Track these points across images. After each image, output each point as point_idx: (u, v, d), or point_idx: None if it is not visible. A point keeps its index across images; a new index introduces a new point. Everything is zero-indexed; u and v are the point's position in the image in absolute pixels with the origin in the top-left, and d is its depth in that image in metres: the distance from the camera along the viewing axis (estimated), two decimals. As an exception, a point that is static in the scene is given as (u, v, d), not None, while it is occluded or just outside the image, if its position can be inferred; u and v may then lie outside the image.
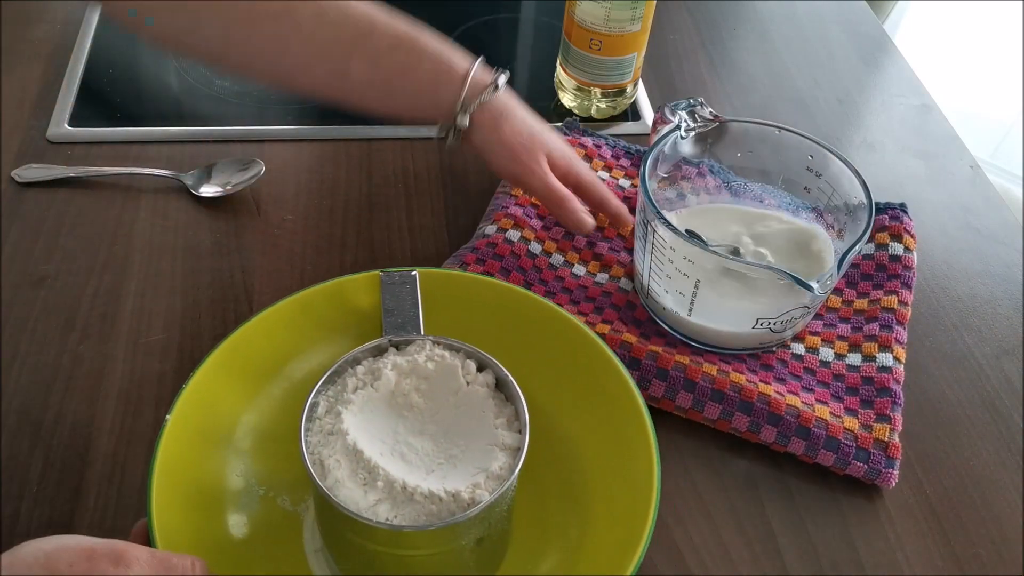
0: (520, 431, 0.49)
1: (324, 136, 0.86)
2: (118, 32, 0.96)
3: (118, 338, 0.68)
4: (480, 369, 0.52)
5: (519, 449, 0.47)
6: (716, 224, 0.72)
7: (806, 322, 0.70)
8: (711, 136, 0.71)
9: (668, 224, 0.63)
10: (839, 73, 1.01)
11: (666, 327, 0.70)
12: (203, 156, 0.82)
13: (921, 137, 0.94)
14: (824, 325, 0.71)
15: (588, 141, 0.84)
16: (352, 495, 0.46)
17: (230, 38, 0.63)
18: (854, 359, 0.69)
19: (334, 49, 0.63)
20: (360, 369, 0.51)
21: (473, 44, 0.99)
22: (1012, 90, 1.96)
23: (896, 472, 0.63)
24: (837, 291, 0.73)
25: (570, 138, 0.84)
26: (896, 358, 0.68)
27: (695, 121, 0.70)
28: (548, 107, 0.93)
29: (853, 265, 0.74)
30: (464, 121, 0.64)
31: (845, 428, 0.64)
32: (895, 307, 0.71)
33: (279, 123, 0.88)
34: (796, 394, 0.66)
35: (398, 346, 0.53)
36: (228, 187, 0.79)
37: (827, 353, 0.69)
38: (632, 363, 0.65)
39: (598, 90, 0.88)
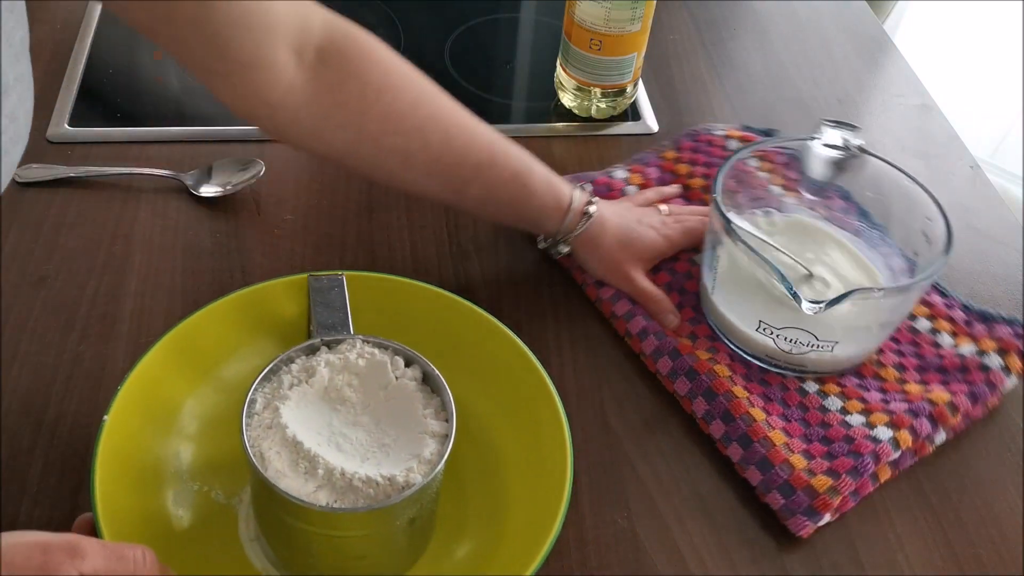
0: (447, 420, 0.52)
1: (324, 136, 0.86)
2: (118, 32, 0.96)
3: (118, 338, 0.68)
4: (408, 364, 0.55)
5: (447, 436, 0.51)
6: (811, 245, 0.71)
7: (825, 363, 0.67)
8: (849, 165, 0.70)
9: (716, 183, 0.66)
10: (839, 73, 1.01)
11: (699, 301, 0.72)
12: (203, 156, 0.82)
13: (921, 137, 0.94)
14: (856, 385, 0.67)
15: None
16: (293, 484, 0.48)
17: (359, 150, 0.65)
18: (855, 419, 0.65)
19: (456, 173, 0.67)
20: (295, 367, 0.54)
21: (473, 44, 1.00)
22: (1012, 90, 1.96)
23: (813, 526, 0.60)
24: (899, 367, 0.69)
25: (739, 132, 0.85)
26: (896, 439, 0.63)
27: (836, 143, 0.70)
28: (548, 107, 0.93)
29: (938, 355, 0.69)
30: (564, 249, 0.73)
31: (787, 460, 0.61)
32: (938, 403, 0.65)
33: (279, 123, 0.88)
34: (768, 414, 0.64)
35: (330, 345, 0.56)
36: (228, 187, 0.79)
37: (834, 403, 0.66)
38: (634, 319, 0.70)
39: (598, 90, 0.88)
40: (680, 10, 1.07)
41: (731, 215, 0.65)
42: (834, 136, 0.70)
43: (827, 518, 0.60)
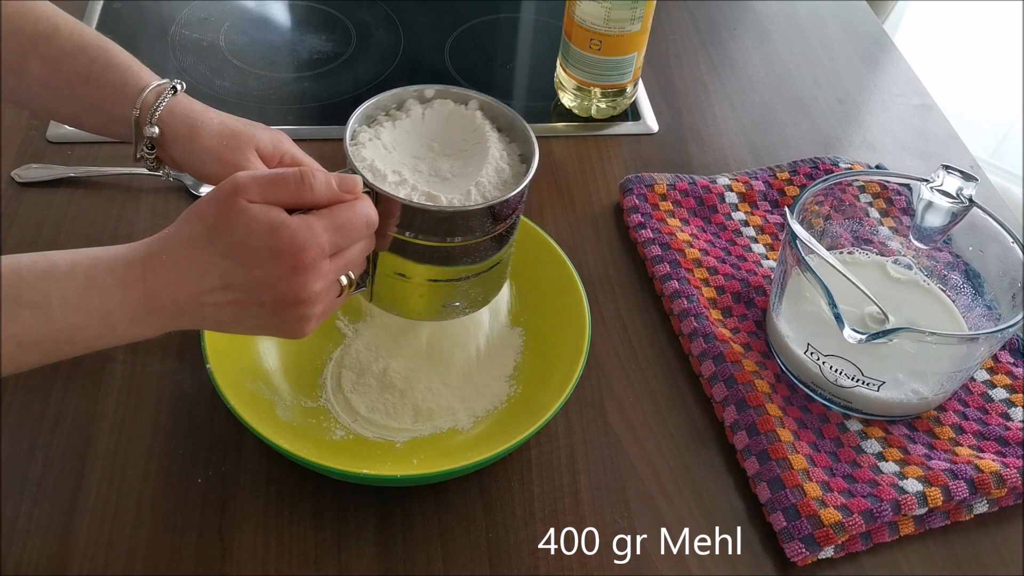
0: (521, 155, 0.59)
1: (324, 136, 0.86)
2: (119, 32, 0.96)
3: (118, 338, 0.68)
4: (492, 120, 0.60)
5: (529, 168, 0.57)
6: (907, 298, 0.70)
7: (872, 403, 0.65)
8: (957, 215, 0.68)
9: (798, 200, 0.67)
10: (839, 73, 1.01)
11: (764, 318, 0.71)
12: (203, 156, 0.82)
13: (921, 137, 0.94)
14: (904, 436, 0.65)
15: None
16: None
17: None
18: (888, 467, 0.63)
19: (10, 45, 0.59)
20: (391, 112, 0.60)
21: (473, 44, 1.00)
22: (1012, 90, 1.96)
23: (811, 556, 0.58)
24: (957, 428, 0.66)
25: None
26: (925, 495, 0.60)
27: (947, 189, 0.68)
28: (548, 107, 0.93)
29: (1004, 426, 0.66)
30: (152, 131, 0.60)
31: (801, 485, 0.60)
32: (985, 471, 0.61)
33: (279, 123, 0.88)
34: (797, 438, 0.63)
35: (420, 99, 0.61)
36: (228, 187, 0.79)
37: (872, 447, 0.64)
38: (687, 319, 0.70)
39: (598, 90, 0.88)
40: (680, 10, 1.07)
41: (818, 239, 0.64)
42: (951, 183, 0.68)
43: (829, 553, 0.59)
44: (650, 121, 0.92)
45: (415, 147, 0.58)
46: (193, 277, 0.48)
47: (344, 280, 0.53)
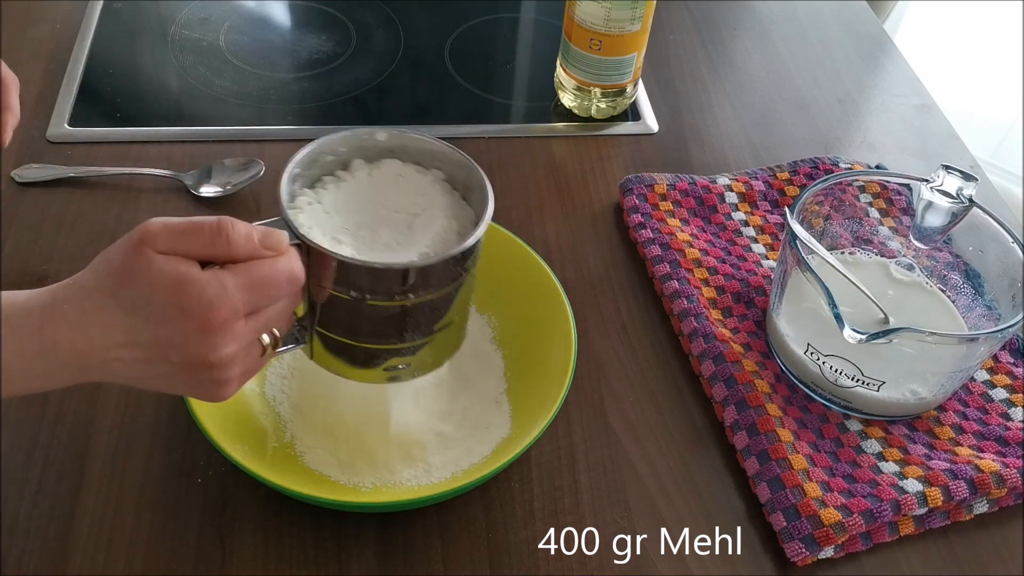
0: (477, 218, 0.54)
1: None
2: (119, 32, 0.96)
3: (118, 338, 0.68)
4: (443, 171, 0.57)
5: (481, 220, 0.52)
6: (907, 298, 0.70)
7: (872, 403, 0.64)
8: (957, 215, 0.68)
9: (799, 199, 0.67)
10: (839, 73, 1.01)
11: (764, 318, 0.71)
12: (203, 156, 0.82)
13: (921, 137, 0.94)
14: (904, 436, 0.65)
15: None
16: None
17: None
18: (888, 467, 0.62)
19: None
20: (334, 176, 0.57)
21: (473, 44, 1.00)
22: (1012, 90, 1.96)
23: (811, 556, 0.58)
24: (957, 428, 0.66)
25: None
26: (925, 495, 0.60)
27: (947, 189, 0.68)
28: (548, 107, 0.93)
29: (1004, 426, 0.66)
30: None
31: (801, 485, 0.60)
32: (985, 471, 0.61)
33: (279, 123, 0.88)
34: (797, 438, 0.63)
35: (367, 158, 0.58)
36: (228, 187, 0.79)
37: (872, 447, 0.64)
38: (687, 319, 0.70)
39: (598, 90, 0.88)
40: (680, 10, 1.07)
41: (818, 239, 0.64)
42: (951, 183, 0.68)
43: (829, 552, 0.59)
44: (650, 121, 0.92)
45: (358, 212, 0.54)
46: (96, 331, 0.45)
47: (267, 339, 0.48)
